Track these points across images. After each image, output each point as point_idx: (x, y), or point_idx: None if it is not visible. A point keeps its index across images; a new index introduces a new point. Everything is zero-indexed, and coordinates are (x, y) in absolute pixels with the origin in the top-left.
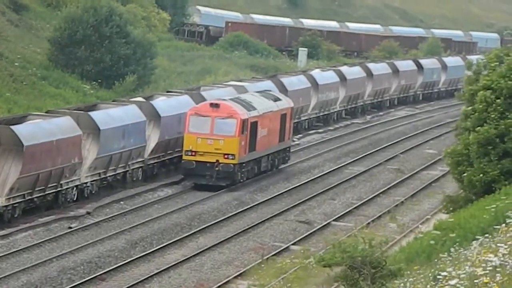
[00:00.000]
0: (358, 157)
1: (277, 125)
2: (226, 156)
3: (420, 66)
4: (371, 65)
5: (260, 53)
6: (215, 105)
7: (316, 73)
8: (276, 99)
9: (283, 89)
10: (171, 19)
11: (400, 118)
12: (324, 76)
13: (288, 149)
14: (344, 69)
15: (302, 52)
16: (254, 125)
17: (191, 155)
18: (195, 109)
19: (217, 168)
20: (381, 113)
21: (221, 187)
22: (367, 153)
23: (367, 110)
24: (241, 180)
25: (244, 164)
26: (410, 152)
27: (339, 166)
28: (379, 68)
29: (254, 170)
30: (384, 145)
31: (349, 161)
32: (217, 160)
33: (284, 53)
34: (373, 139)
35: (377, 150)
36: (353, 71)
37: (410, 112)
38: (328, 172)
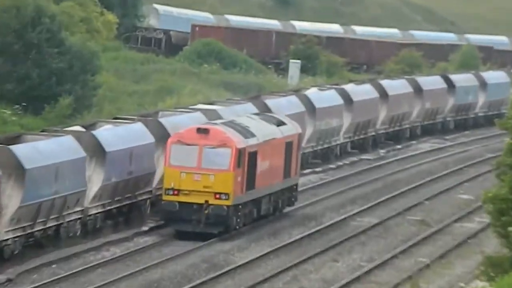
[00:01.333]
0: (368, 205)
1: (281, 156)
2: (217, 196)
3: (451, 84)
4: (385, 83)
5: (238, 67)
6: (203, 131)
7: (312, 93)
8: (280, 123)
9: None
10: (120, 22)
11: (425, 153)
12: (323, 97)
13: (295, 187)
14: (350, 88)
15: (294, 66)
16: (253, 156)
17: (173, 194)
18: (178, 136)
19: (206, 211)
20: (399, 146)
21: (212, 235)
22: (381, 199)
23: (381, 143)
24: (237, 227)
25: (240, 206)
26: (438, 198)
27: (343, 216)
28: (397, 86)
29: (253, 214)
30: (404, 189)
31: (356, 210)
32: (206, 201)
33: (270, 66)
34: (388, 180)
35: (394, 196)
36: (361, 91)
37: (438, 144)
38: (329, 225)
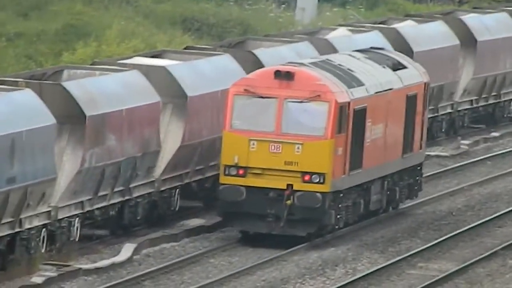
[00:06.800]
0: (439, 239)
1: (400, 118)
2: (307, 178)
3: None
4: (472, 20)
5: None
6: (285, 75)
7: (338, 37)
8: (398, 66)
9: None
10: None
11: None
12: (356, 43)
13: (419, 167)
14: (407, 28)
15: None
16: (361, 116)
17: (237, 175)
18: (245, 83)
19: (289, 202)
20: (496, 134)
21: (298, 239)
22: (462, 229)
23: (463, 127)
24: (336, 226)
25: (341, 195)
26: None
27: (393, 260)
28: (492, 25)
29: (359, 208)
30: (504, 210)
31: (418, 249)
32: (290, 186)
33: None
34: (476, 196)
35: (485, 223)
36: (427, 34)
37: None
38: (366, 276)
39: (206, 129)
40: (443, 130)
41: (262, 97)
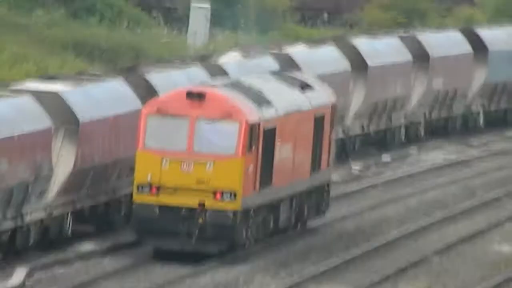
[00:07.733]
0: (333, 264)
1: (308, 138)
2: (219, 196)
3: (479, 46)
4: (363, 44)
5: (98, 15)
6: (197, 96)
7: (230, 61)
8: (306, 88)
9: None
10: None
11: (433, 170)
12: (251, 68)
13: (326, 186)
14: (300, 53)
15: (199, 13)
16: (270, 136)
17: (150, 193)
18: (158, 103)
19: (201, 220)
20: (387, 160)
21: (208, 256)
22: (355, 254)
23: (354, 151)
24: (245, 243)
25: (252, 213)
26: (457, 250)
27: (286, 286)
28: (383, 50)
29: (269, 225)
30: (395, 236)
31: (311, 274)
32: (202, 204)
33: (156, 13)
34: (367, 220)
35: (377, 248)
36: (318, 58)
37: (457, 154)
38: None
39: (98, 154)
40: (338, 154)
41: (174, 117)
